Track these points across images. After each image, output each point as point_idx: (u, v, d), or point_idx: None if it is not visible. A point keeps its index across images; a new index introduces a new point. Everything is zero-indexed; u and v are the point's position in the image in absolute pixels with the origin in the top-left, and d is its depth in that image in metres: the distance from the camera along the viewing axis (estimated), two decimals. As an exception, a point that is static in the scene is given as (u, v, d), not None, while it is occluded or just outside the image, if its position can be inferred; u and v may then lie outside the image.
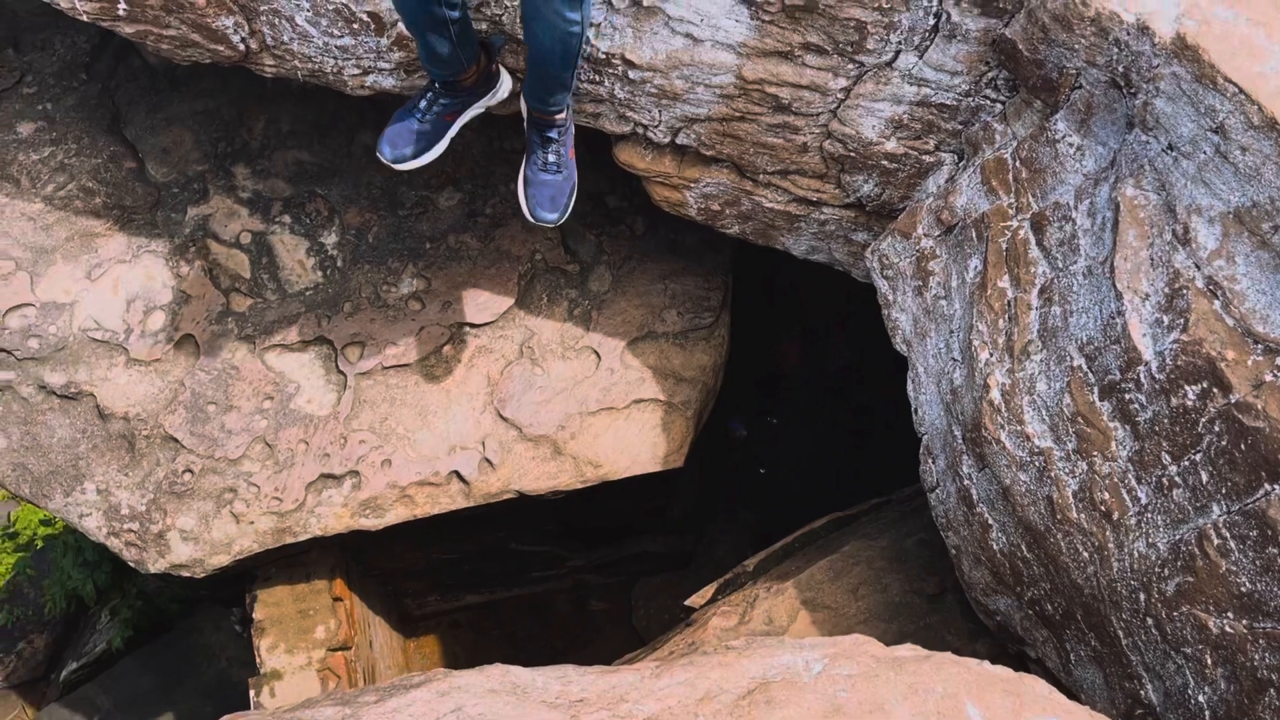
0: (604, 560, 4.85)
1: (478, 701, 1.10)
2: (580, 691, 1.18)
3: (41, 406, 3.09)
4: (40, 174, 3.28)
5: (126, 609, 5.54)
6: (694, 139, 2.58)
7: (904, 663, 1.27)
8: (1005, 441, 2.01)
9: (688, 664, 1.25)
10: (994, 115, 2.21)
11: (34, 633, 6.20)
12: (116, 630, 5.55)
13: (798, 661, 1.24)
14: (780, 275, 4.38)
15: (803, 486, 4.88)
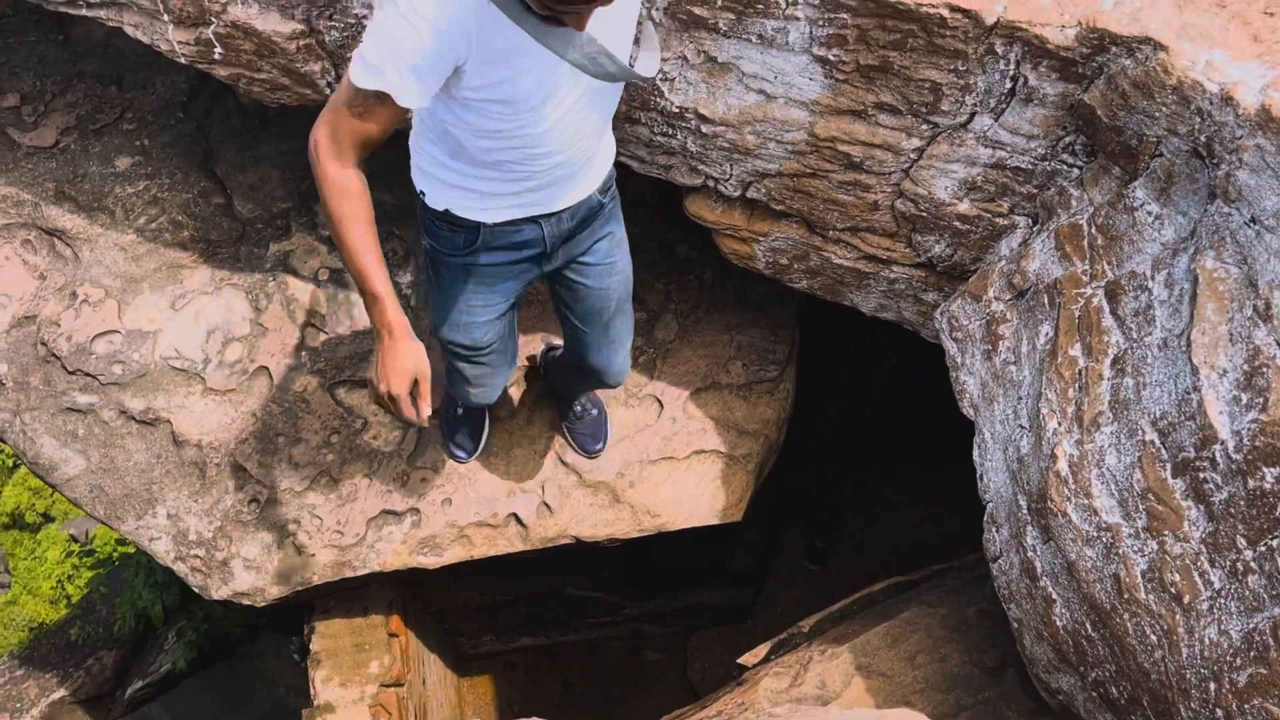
0: (660, 610, 4.81)
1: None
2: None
3: (121, 431, 3.19)
4: (134, 206, 3.41)
5: (192, 631, 5.65)
6: (764, 193, 2.58)
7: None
8: (1072, 515, 1.95)
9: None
10: (1070, 180, 2.17)
11: (103, 649, 6.35)
12: (181, 652, 5.66)
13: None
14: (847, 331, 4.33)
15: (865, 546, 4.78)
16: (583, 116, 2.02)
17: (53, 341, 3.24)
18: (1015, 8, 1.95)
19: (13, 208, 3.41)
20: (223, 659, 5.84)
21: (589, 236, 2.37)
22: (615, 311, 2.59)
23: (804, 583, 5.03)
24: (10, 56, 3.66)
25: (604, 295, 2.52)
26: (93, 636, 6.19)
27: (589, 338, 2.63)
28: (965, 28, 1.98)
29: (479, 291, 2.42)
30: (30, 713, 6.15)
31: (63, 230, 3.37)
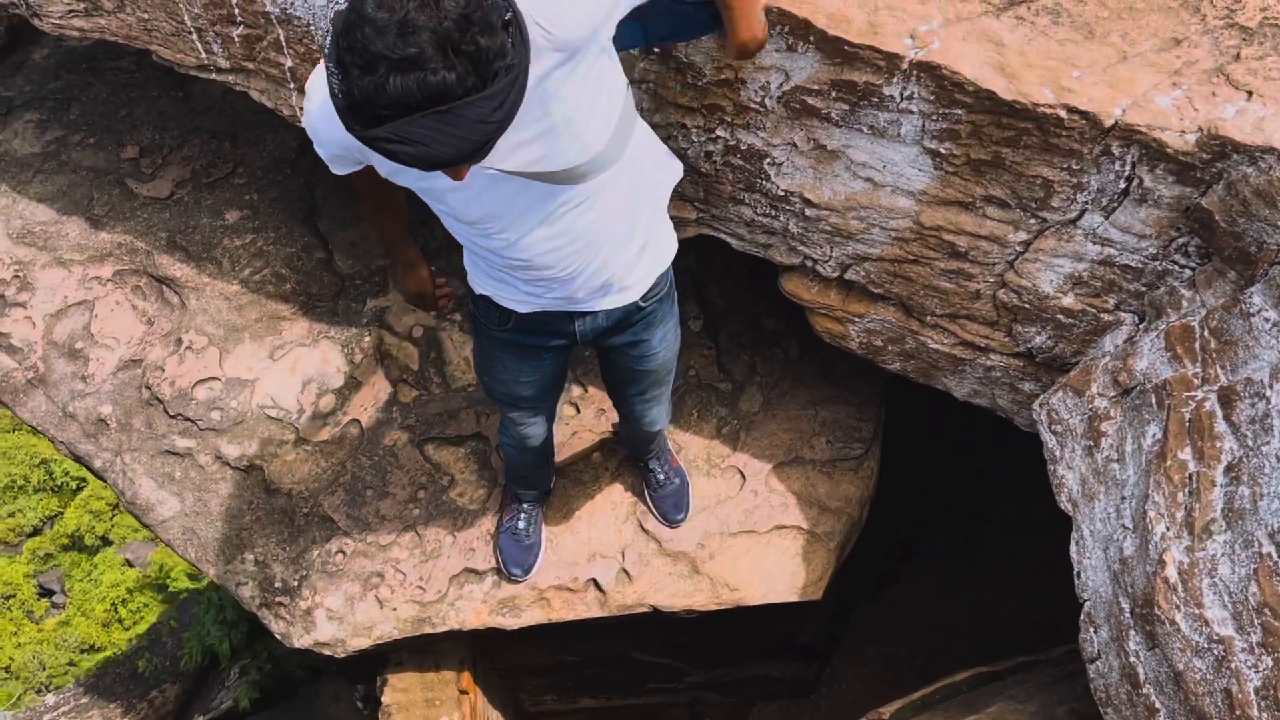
0: (724, 679, 4.76)
1: None
2: None
3: (215, 476, 3.28)
4: (240, 258, 3.53)
5: (256, 670, 5.71)
6: (863, 276, 2.60)
7: None
8: (1180, 624, 1.91)
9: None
10: (1182, 280, 2.16)
11: (167, 682, 6.43)
12: (244, 690, 5.71)
13: None
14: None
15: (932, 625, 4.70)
16: (569, 231, 1.88)
17: (157, 385, 3.35)
18: (1134, 111, 1.96)
19: (127, 255, 3.55)
20: (283, 699, 5.89)
21: (629, 335, 2.34)
22: (650, 384, 2.59)
23: (870, 659, 4.95)
24: (133, 110, 3.84)
25: (641, 375, 2.52)
26: (159, 669, 6.28)
27: (628, 397, 2.69)
28: (1082, 129, 2.00)
29: (516, 361, 2.43)
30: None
31: (172, 278, 3.50)
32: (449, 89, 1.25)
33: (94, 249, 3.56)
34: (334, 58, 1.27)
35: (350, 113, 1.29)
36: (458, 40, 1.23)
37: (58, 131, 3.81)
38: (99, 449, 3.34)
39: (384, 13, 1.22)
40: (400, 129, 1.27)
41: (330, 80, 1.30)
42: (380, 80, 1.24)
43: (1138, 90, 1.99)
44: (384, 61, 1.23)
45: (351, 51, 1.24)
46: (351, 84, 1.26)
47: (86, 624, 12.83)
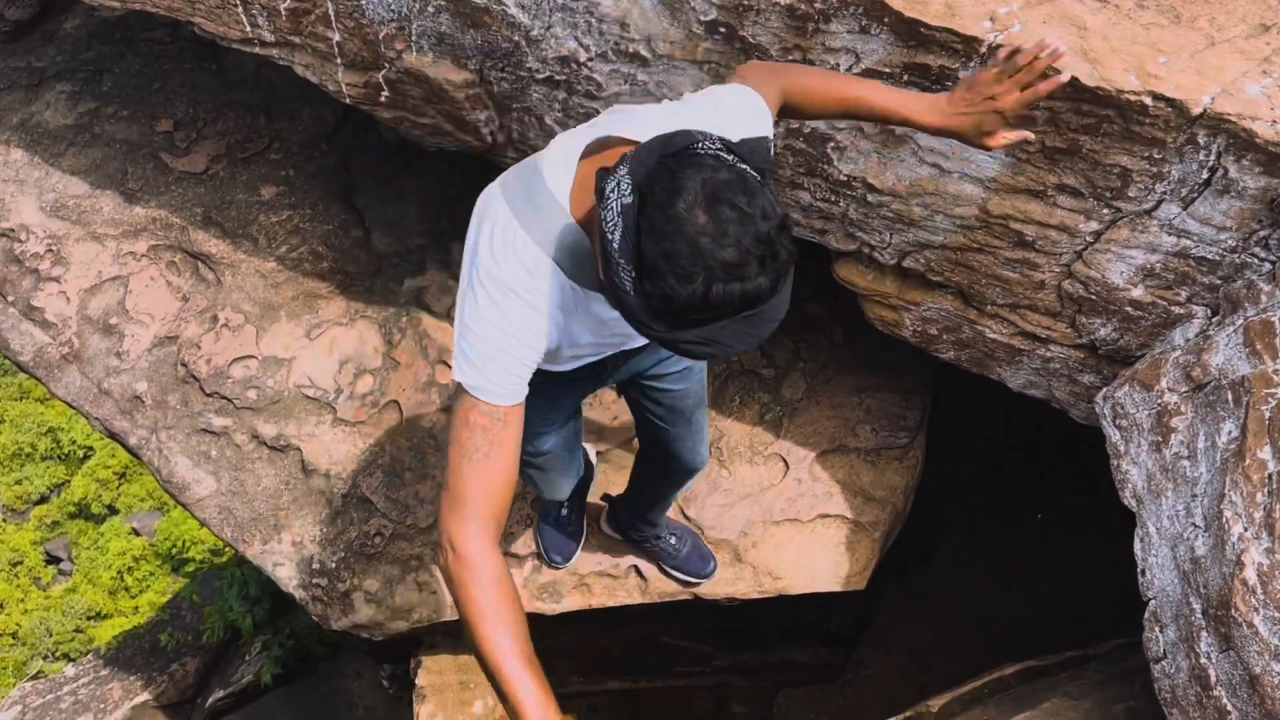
0: (751, 664, 4.74)
1: None
2: None
3: (252, 455, 3.25)
4: (276, 235, 3.48)
5: (277, 646, 5.71)
6: (922, 264, 2.54)
7: None
8: (1259, 626, 1.87)
9: None
10: (1261, 274, 2.10)
11: (188, 656, 6.44)
12: (265, 665, 5.72)
13: None
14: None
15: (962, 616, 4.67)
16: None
17: (192, 363, 3.32)
18: (1224, 100, 1.90)
19: (161, 230, 3.50)
20: (304, 675, 5.89)
21: (656, 359, 2.22)
22: (695, 405, 2.46)
23: (897, 647, 4.92)
24: (165, 83, 3.78)
25: (683, 395, 2.37)
26: (180, 642, 6.29)
27: (674, 434, 2.47)
28: (1167, 116, 1.94)
29: (537, 409, 1.97)
30: (113, 715, 6.25)
31: (207, 254, 3.46)
32: (763, 295, 1.26)
33: (128, 224, 3.52)
34: (637, 259, 1.26)
35: (652, 314, 1.29)
36: (774, 249, 1.25)
37: (90, 103, 3.76)
38: (134, 426, 3.31)
39: (705, 221, 1.22)
40: (710, 333, 1.27)
41: (622, 277, 1.29)
42: (700, 288, 1.22)
43: (1227, 78, 1.93)
44: (706, 271, 1.22)
45: (667, 258, 1.23)
46: (666, 289, 1.24)
47: (93, 591, 12.90)
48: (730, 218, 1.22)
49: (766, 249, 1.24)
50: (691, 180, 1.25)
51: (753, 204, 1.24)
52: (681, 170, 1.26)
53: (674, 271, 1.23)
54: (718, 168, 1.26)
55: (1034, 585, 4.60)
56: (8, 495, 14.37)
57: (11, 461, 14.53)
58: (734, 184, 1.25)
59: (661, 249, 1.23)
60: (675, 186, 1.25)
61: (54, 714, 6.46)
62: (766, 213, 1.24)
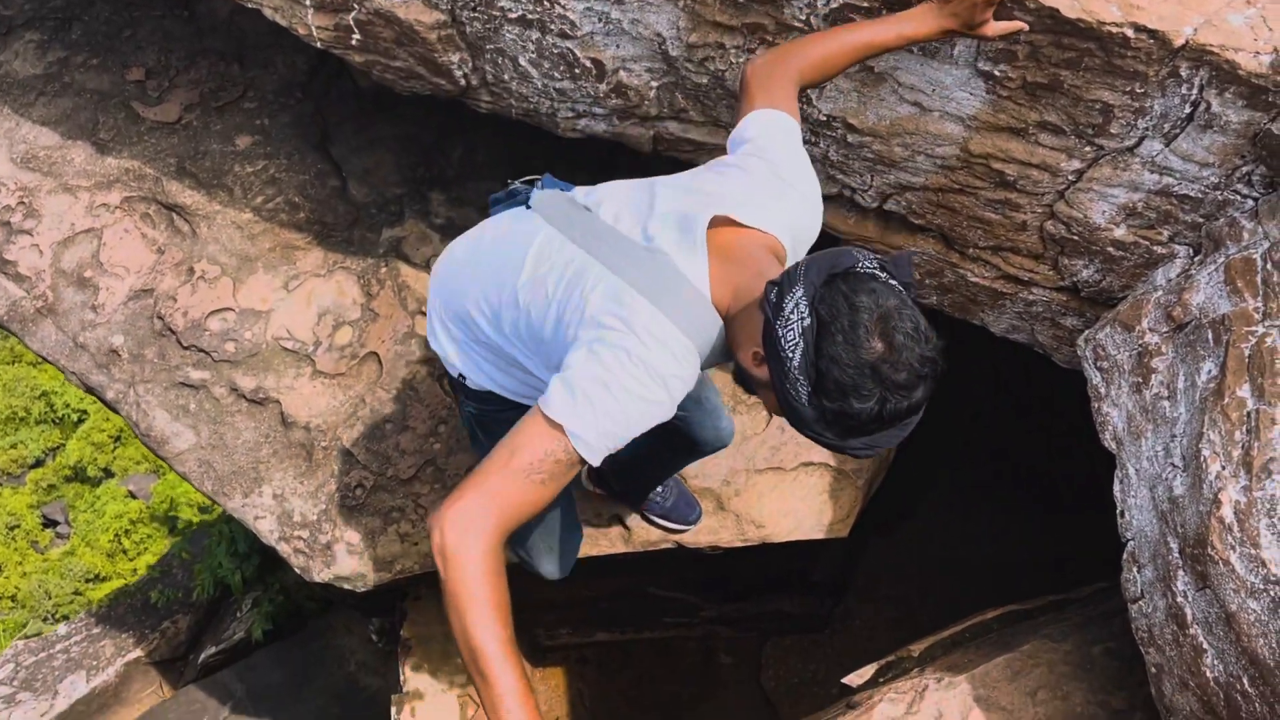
0: (738, 614, 4.77)
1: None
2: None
3: (231, 408, 3.22)
4: (252, 185, 3.43)
5: (268, 602, 5.73)
6: (903, 206, 2.51)
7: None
8: (1235, 564, 1.86)
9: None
10: (1244, 211, 2.08)
11: (179, 613, 6.45)
12: (256, 621, 5.74)
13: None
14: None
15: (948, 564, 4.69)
16: None
17: (169, 316, 3.28)
18: (1206, 31, 1.86)
19: (134, 181, 3.45)
20: (294, 631, 5.91)
21: None
22: (704, 385, 2.46)
23: (883, 596, 4.95)
24: (136, 30, 3.71)
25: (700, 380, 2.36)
26: (170, 600, 6.30)
27: (690, 419, 2.47)
28: (1149, 49, 1.90)
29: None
30: (106, 671, 6.27)
31: (182, 206, 3.41)
32: (922, 405, 1.45)
33: (101, 175, 3.46)
34: (817, 377, 1.43)
35: (826, 425, 1.46)
36: (936, 368, 1.44)
37: (60, 52, 3.68)
38: (111, 380, 3.28)
39: (883, 349, 1.40)
40: (876, 440, 1.48)
41: (799, 390, 1.45)
42: (875, 406, 1.41)
43: (1209, 8, 1.89)
44: (883, 392, 1.41)
45: (849, 381, 1.40)
46: (845, 406, 1.42)
47: (91, 554, 12.91)
48: (903, 345, 1.40)
49: (931, 369, 1.42)
50: (866, 306, 1.41)
51: (918, 329, 1.41)
52: (854, 295, 1.41)
53: (855, 394, 1.41)
54: (884, 292, 1.43)
55: (1019, 533, 4.62)
56: (3, 459, 14.32)
57: (5, 425, 14.48)
58: (902, 309, 1.42)
59: (844, 373, 1.40)
60: (854, 315, 1.40)
61: (46, 672, 6.48)
62: (928, 335, 1.42)
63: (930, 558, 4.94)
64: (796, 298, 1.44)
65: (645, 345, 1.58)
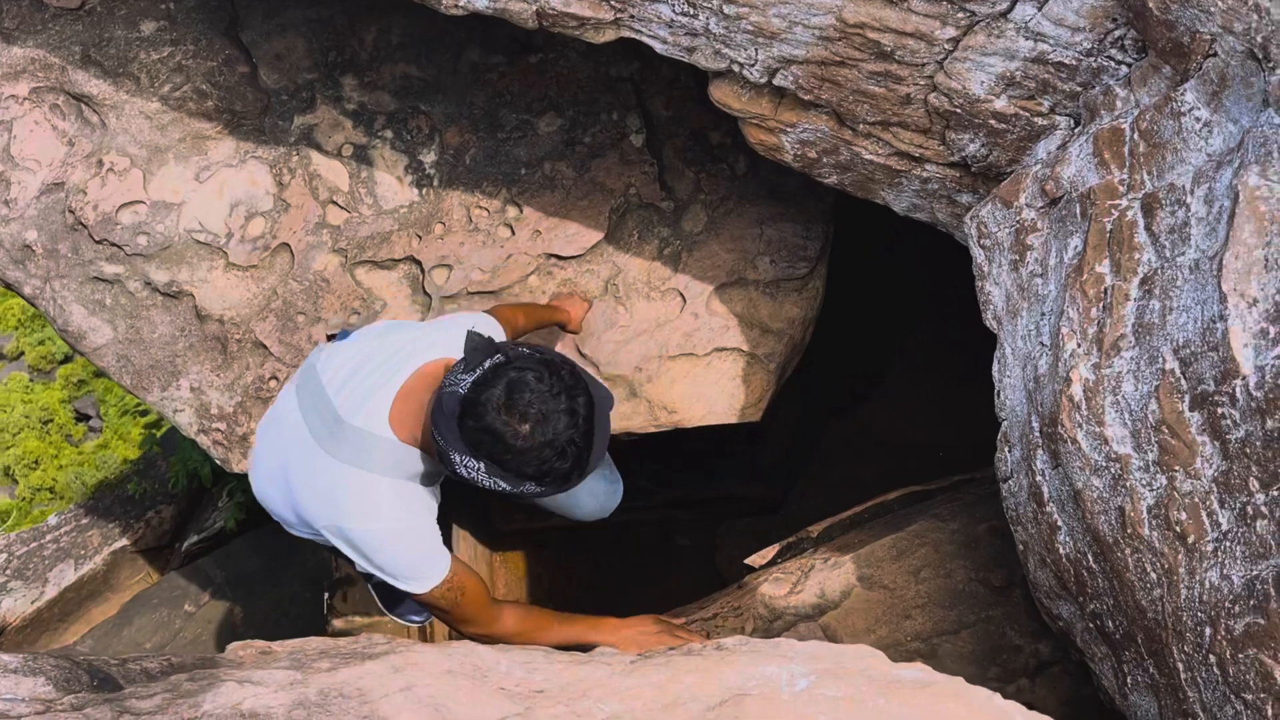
0: (691, 498, 4.82)
1: (432, 682, 1.06)
2: (543, 681, 1.13)
3: (146, 302, 3.21)
4: (159, 73, 3.35)
5: (241, 493, 5.83)
6: (791, 81, 2.42)
7: (900, 689, 1.17)
8: (1081, 442, 1.84)
9: (663, 664, 1.18)
10: (1117, 79, 1.99)
11: (162, 504, 6.61)
12: (231, 512, 5.86)
13: (781, 674, 1.16)
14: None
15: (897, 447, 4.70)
16: None
17: (80, 210, 3.24)
18: (1065, -118, 1.74)
19: (41, 71, 3.37)
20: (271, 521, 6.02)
21: None
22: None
23: (837, 481, 4.98)
24: (37, -88, 3.56)
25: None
26: (150, 492, 6.43)
27: (564, 508, 2.81)
28: (1007, -96, 1.79)
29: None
30: (93, 560, 6.46)
31: (90, 96, 3.33)
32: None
33: (7, 65, 3.38)
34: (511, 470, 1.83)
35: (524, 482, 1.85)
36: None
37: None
38: (28, 276, 3.27)
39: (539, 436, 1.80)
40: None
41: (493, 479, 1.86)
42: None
43: None
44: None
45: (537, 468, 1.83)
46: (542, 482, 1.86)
47: (125, 446, 13.17)
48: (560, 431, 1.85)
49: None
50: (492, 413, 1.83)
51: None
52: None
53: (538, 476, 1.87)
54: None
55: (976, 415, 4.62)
56: (32, 356, 14.49)
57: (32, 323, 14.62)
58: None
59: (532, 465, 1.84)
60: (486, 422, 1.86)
61: (37, 561, 6.68)
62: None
63: (884, 440, 4.95)
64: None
65: (362, 521, 1.96)
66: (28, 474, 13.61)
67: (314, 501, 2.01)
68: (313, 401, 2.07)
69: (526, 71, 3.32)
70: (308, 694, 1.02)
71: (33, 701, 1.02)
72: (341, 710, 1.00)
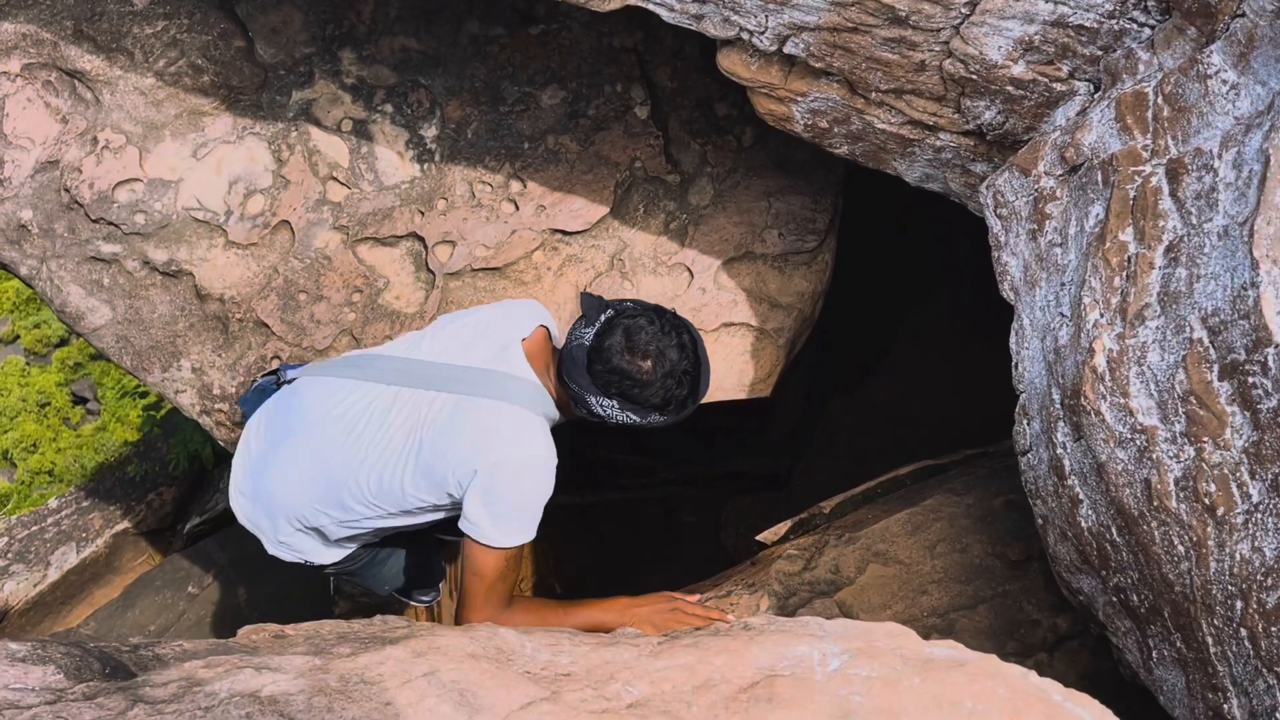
0: (696, 475, 4.80)
1: (455, 667, 1.03)
2: (569, 664, 1.10)
3: (145, 282, 3.16)
4: (153, 48, 3.29)
5: (242, 474, 5.77)
6: (802, 49, 2.37)
7: (934, 668, 1.14)
8: (1105, 413, 1.81)
9: (692, 645, 1.14)
10: (1139, 42, 1.94)
11: (164, 485, 6.58)
12: (232, 493, 5.79)
13: (813, 654, 1.13)
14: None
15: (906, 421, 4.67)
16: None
17: (75, 188, 3.19)
18: None
19: (33, 46, 3.30)
20: (274, 501, 5.99)
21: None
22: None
23: (844, 455, 4.95)
24: (25, -116, 3.49)
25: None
26: (150, 474, 6.40)
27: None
28: None
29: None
30: (95, 542, 6.43)
31: (83, 72, 3.27)
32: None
33: None
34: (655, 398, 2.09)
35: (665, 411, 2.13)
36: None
37: (-52, -89, 3.48)
38: (24, 256, 3.22)
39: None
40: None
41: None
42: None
43: None
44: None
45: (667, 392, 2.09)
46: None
47: (123, 429, 13.12)
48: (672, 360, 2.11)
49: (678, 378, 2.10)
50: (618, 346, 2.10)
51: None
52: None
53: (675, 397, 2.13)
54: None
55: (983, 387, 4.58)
56: (28, 339, 14.42)
57: (27, 306, 14.53)
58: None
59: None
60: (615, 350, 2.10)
61: (39, 544, 6.65)
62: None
63: (891, 415, 4.92)
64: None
65: (519, 446, 2.08)
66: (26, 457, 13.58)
67: (457, 445, 2.07)
68: (403, 375, 2.21)
69: (528, 43, 3.26)
70: (328, 680, 0.98)
71: (43, 691, 0.99)
72: (364, 696, 0.96)
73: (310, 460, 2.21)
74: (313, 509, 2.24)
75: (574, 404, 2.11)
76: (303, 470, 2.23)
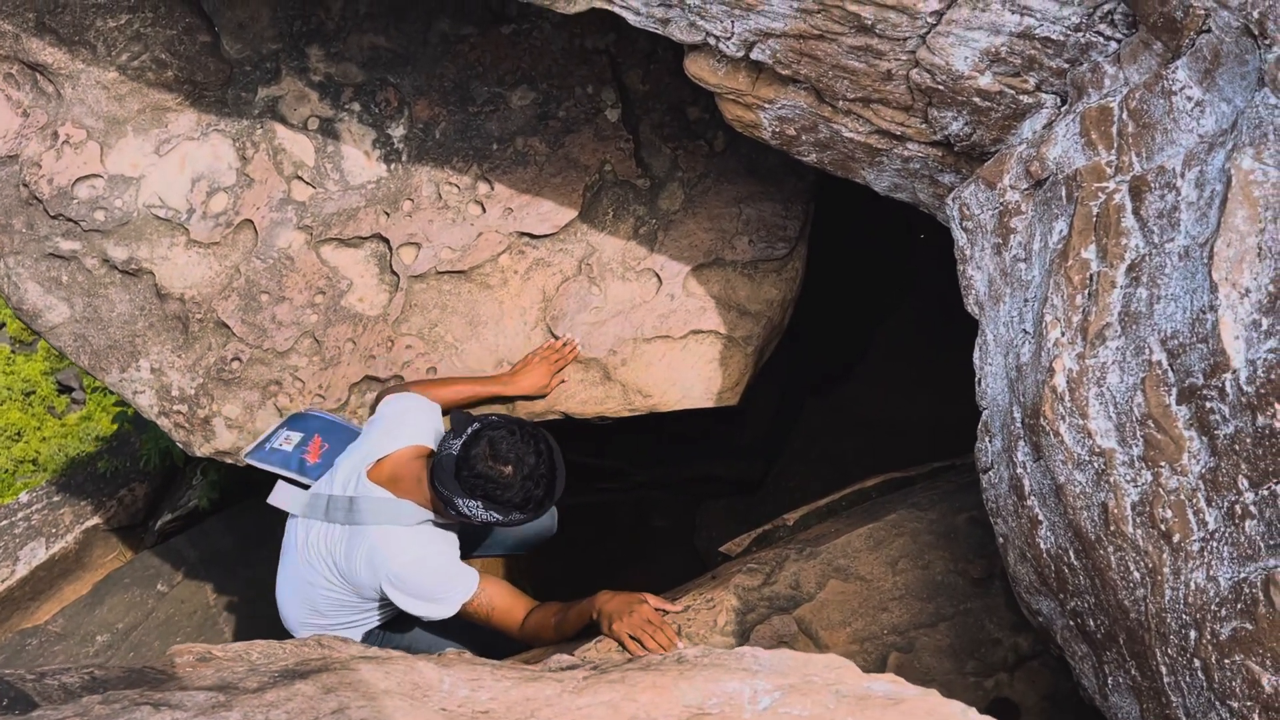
0: (669, 478, 4.76)
1: (366, 705, 0.99)
2: (488, 700, 1.06)
3: (104, 280, 3.11)
4: (116, 41, 3.22)
5: (215, 472, 5.74)
6: (769, 55, 2.32)
7: (869, 706, 1.10)
8: (1064, 434, 1.77)
9: (618, 680, 1.10)
10: (1106, 55, 1.90)
11: (135, 482, 6.51)
12: (204, 490, 5.77)
13: (744, 691, 1.09)
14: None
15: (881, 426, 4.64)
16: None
17: (35, 183, 3.13)
18: None
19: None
20: (245, 497, 5.95)
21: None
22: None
23: (818, 459, 4.92)
24: (-12, -128, 3.42)
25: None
26: (121, 469, 6.33)
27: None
28: None
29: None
30: (65, 538, 6.37)
31: (44, 65, 3.21)
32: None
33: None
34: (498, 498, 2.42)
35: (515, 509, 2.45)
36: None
37: (-91, -102, 3.41)
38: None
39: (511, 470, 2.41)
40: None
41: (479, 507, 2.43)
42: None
43: None
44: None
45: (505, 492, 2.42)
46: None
47: (107, 419, 12.99)
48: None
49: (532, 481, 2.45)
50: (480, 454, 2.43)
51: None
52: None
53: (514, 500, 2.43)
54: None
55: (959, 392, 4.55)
56: (13, 326, 14.31)
57: (12, 296, 14.34)
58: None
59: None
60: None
61: (8, 539, 6.58)
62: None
63: (869, 419, 4.89)
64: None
65: (403, 554, 2.46)
66: (10, 446, 13.44)
67: (361, 571, 2.47)
68: (322, 509, 2.60)
69: (499, 43, 3.21)
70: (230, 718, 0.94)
71: (-67, 725, 0.94)
72: (265, 737, 0.92)
73: (290, 586, 2.67)
74: (299, 623, 2.68)
75: (445, 506, 2.41)
76: (287, 596, 2.70)
